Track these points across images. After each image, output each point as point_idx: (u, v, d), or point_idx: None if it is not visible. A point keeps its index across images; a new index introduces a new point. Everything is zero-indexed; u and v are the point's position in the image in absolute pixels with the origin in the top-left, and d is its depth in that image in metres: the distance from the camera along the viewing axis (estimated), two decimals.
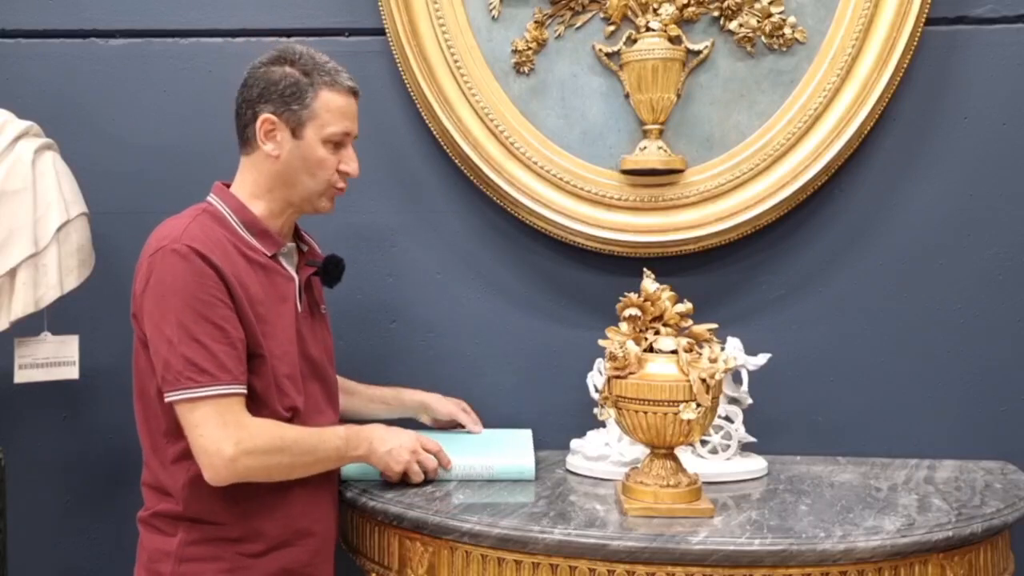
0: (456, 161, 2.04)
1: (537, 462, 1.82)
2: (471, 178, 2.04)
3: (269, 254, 1.66)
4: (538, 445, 1.93)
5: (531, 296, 2.08)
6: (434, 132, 2.03)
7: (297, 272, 1.72)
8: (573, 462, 1.88)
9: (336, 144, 1.66)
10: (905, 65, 1.94)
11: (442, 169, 2.07)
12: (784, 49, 1.97)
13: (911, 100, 2.00)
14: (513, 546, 1.52)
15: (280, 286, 1.66)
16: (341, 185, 1.70)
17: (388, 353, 2.08)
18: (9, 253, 1.79)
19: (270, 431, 1.57)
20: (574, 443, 1.91)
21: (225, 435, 1.51)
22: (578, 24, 2.00)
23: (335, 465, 1.68)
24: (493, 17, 2.01)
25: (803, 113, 1.96)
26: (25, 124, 1.87)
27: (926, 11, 1.92)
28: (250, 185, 1.68)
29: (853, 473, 1.87)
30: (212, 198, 1.68)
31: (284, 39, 2.08)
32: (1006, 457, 1.98)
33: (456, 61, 1.99)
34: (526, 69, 2.01)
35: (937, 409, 2.02)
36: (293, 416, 1.63)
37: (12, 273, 1.80)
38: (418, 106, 2.03)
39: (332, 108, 1.64)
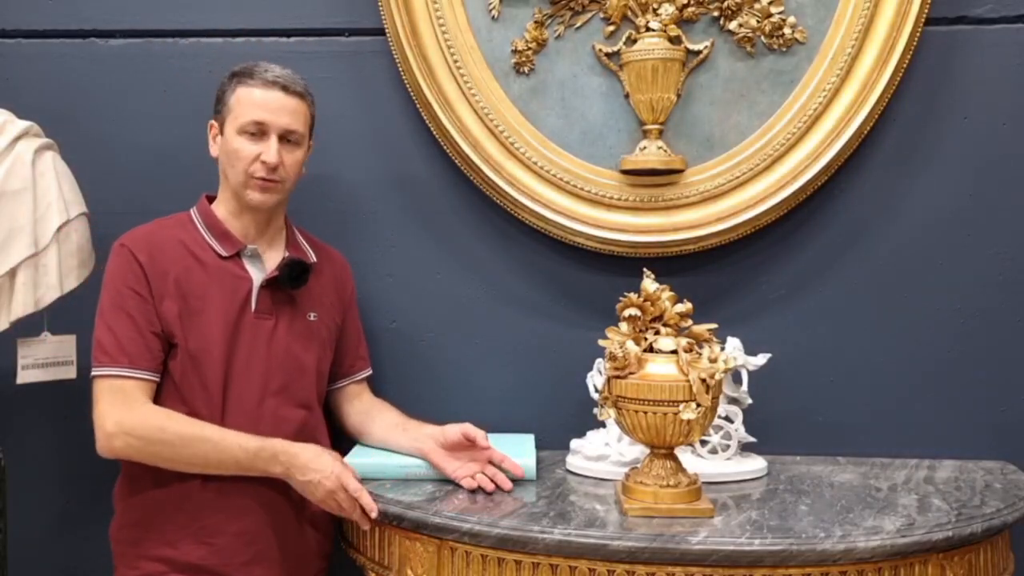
0: (456, 161, 2.04)
1: (537, 462, 1.82)
2: (471, 178, 2.04)
3: (226, 254, 1.77)
4: (538, 445, 1.93)
5: (531, 296, 2.08)
6: (434, 132, 2.03)
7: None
8: (573, 462, 1.88)
9: (252, 135, 1.73)
10: (905, 65, 1.94)
11: (442, 169, 2.07)
12: (784, 49, 1.97)
13: (911, 100, 1.99)
14: (513, 546, 1.52)
15: (228, 286, 1.75)
16: (261, 175, 1.73)
17: (388, 353, 2.08)
18: (9, 253, 1.79)
19: (154, 420, 1.65)
20: (574, 443, 1.91)
21: (110, 412, 1.65)
22: (578, 24, 2.00)
23: (236, 472, 1.67)
24: (493, 17, 2.01)
25: (803, 113, 1.96)
26: (25, 124, 1.87)
27: (926, 11, 1.92)
28: (219, 190, 1.83)
29: (853, 473, 1.88)
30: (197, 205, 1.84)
31: (284, 39, 2.08)
32: (1006, 457, 1.98)
33: (456, 61, 1.99)
34: (526, 69, 2.01)
35: (937, 409, 2.02)
36: (208, 409, 1.70)
37: (12, 273, 1.79)
38: (418, 106, 2.03)
39: (244, 101, 1.74)
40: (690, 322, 1.64)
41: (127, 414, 1.65)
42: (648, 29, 1.93)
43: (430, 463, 1.77)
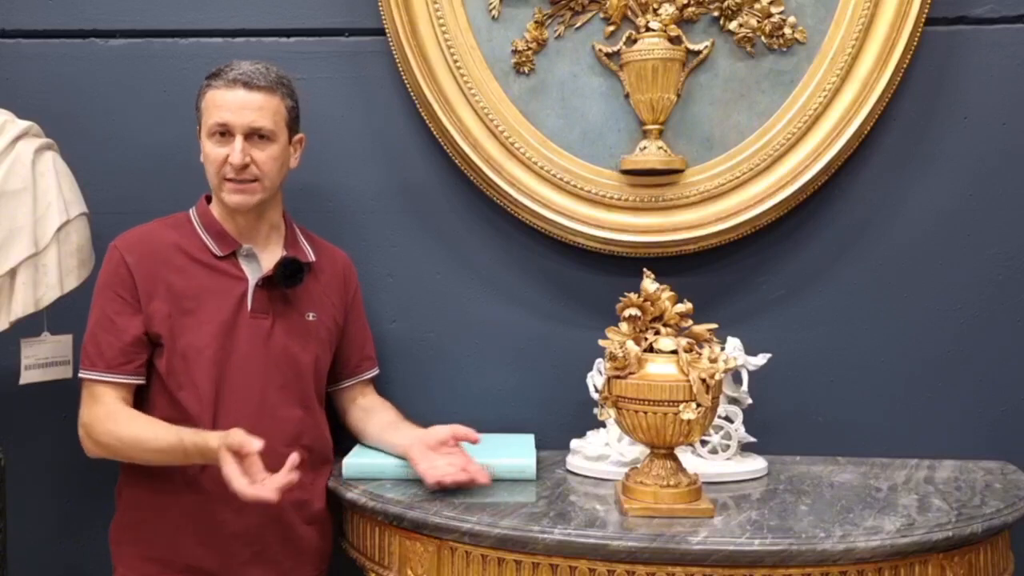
0: (456, 161, 2.04)
1: (537, 462, 1.82)
2: (471, 178, 2.04)
3: (221, 254, 1.77)
4: (538, 445, 1.93)
5: (531, 296, 2.08)
6: (434, 132, 2.03)
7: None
8: (573, 462, 1.88)
9: (222, 136, 1.72)
10: (905, 65, 1.94)
11: (442, 169, 2.07)
12: (784, 49, 1.97)
13: (911, 100, 1.99)
14: (513, 546, 1.52)
15: (223, 286, 1.76)
16: (229, 175, 1.73)
17: (388, 353, 2.07)
18: (9, 253, 1.78)
19: (106, 424, 1.69)
20: (574, 443, 1.91)
21: (83, 415, 1.73)
22: (578, 24, 2.00)
23: (186, 463, 1.66)
24: (493, 17, 2.01)
25: (803, 113, 1.96)
26: (25, 124, 1.87)
27: (926, 11, 1.92)
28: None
29: (853, 473, 1.88)
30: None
31: (284, 39, 2.08)
32: (1006, 457, 1.98)
33: (456, 61, 1.99)
34: (526, 69, 2.01)
35: (937, 409, 2.02)
36: (198, 408, 1.70)
37: (12, 273, 1.79)
38: (418, 106, 2.03)
39: (210, 104, 1.73)
40: (690, 322, 1.64)
41: (93, 419, 1.71)
42: (648, 29, 1.93)
43: (409, 460, 1.74)
